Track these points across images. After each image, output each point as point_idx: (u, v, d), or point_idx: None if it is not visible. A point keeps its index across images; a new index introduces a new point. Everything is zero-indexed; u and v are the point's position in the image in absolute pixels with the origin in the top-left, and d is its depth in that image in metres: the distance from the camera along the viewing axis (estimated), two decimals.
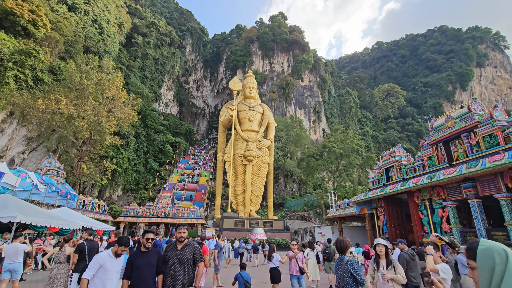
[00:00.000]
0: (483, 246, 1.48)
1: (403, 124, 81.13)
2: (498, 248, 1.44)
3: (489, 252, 1.44)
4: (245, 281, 6.07)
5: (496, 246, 1.46)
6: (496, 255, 1.40)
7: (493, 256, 1.41)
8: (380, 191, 17.15)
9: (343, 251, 3.96)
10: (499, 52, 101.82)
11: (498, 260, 1.39)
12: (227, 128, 35.22)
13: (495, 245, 1.47)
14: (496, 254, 1.41)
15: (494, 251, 1.43)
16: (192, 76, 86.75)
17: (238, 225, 28.44)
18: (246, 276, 6.16)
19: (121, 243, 4.01)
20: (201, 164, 56.76)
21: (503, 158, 10.31)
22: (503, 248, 1.43)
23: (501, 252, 1.41)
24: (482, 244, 1.50)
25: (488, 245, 1.47)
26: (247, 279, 6.12)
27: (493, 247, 1.45)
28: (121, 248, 3.99)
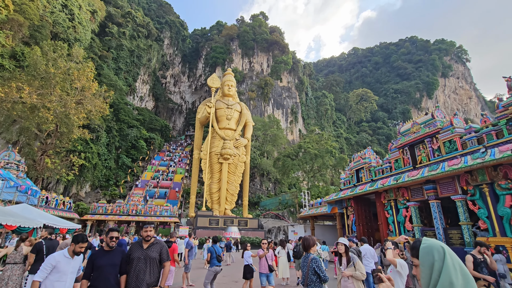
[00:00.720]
0: (424, 245, 1.57)
1: (374, 127, 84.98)
2: (437, 245, 1.53)
3: (429, 250, 1.52)
4: (218, 255, 6.93)
5: (435, 244, 1.54)
6: (435, 252, 1.49)
7: (433, 253, 1.49)
8: (350, 191, 17.88)
9: (308, 249, 4.05)
10: (461, 65, 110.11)
11: (437, 257, 1.47)
12: (204, 125, 34.78)
13: (435, 243, 1.55)
14: (435, 251, 1.49)
15: (434, 248, 1.51)
16: (169, 71, 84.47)
17: (212, 224, 28.25)
18: (218, 250, 7.08)
19: (77, 241, 3.80)
20: (176, 161, 55.53)
21: (460, 163, 11.20)
22: (441, 246, 1.53)
23: (439, 250, 1.50)
24: (424, 243, 1.58)
25: (428, 244, 1.56)
26: (219, 253, 7.06)
27: (433, 245, 1.54)
28: (79, 245, 3.78)
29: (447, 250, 1.50)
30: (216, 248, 7.14)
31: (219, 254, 7.08)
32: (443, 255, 1.47)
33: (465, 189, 11.67)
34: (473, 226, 11.40)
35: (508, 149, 9.66)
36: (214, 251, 7.00)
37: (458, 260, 1.50)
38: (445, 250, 1.49)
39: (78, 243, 3.81)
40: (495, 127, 11.00)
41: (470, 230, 11.36)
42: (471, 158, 10.90)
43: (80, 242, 3.82)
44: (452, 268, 1.43)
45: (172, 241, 7.43)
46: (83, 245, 3.83)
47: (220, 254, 7.15)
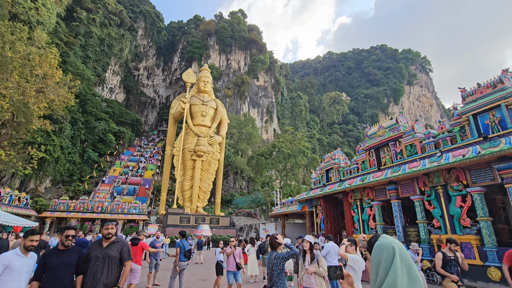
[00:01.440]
0: (378, 242, 1.55)
1: (345, 129, 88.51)
2: (389, 245, 1.49)
3: (380, 248, 1.50)
4: (185, 251, 7.02)
5: (387, 243, 1.51)
6: (385, 252, 1.47)
7: (382, 252, 1.48)
8: (320, 191, 18.54)
9: (274, 247, 4.11)
10: (425, 74, 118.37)
11: (385, 257, 1.45)
12: (178, 121, 33.98)
13: (387, 243, 1.51)
14: (385, 251, 1.47)
15: (384, 248, 1.49)
16: (143, 63, 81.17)
17: (183, 222, 27.76)
18: (186, 245, 7.16)
19: (27, 234, 3.54)
20: (147, 157, 53.64)
21: (419, 165, 12.11)
22: (393, 246, 1.48)
23: (389, 250, 1.46)
24: (379, 240, 1.56)
25: (381, 242, 1.54)
26: (187, 248, 7.15)
27: (385, 244, 1.51)
28: (28, 239, 3.51)
29: (399, 251, 1.46)
30: (185, 243, 7.12)
31: (187, 250, 7.09)
32: (392, 256, 1.43)
33: (422, 190, 12.64)
34: (428, 224, 12.39)
35: (460, 154, 10.61)
36: (182, 246, 6.98)
37: (408, 262, 1.45)
38: (395, 251, 1.45)
39: (27, 237, 3.52)
40: (450, 133, 12.02)
41: (426, 228, 12.34)
42: (428, 161, 11.83)
43: (30, 235, 3.52)
44: (399, 270, 1.39)
45: (140, 239, 7.25)
46: (33, 238, 3.53)
47: (188, 249, 7.14)
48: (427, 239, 12.08)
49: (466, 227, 10.82)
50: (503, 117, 10.23)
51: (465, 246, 10.63)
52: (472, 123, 11.09)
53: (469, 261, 10.41)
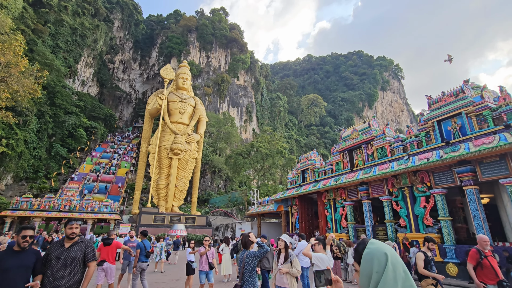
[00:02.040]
0: (367, 250, 1.35)
1: (322, 131, 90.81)
2: (380, 253, 1.29)
3: (370, 257, 1.30)
4: (147, 251, 7.01)
5: (378, 251, 1.30)
6: (375, 261, 1.27)
7: (372, 262, 1.28)
8: (296, 191, 18.94)
9: (247, 246, 4.17)
10: (397, 81, 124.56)
11: (376, 268, 1.26)
12: (154, 117, 33.04)
13: (378, 250, 1.31)
14: (375, 260, 1.27)
15: (375, 257, 1.29)
16: (118, 56, 77.94)
17: (157, 221, 27.07)
18: (148, 245, 7.13)
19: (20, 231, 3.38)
20: (121, 154, 51.64)
21: (388, 168, 12.77)
22: (385, 253, 1.28)
23: (380, 258, 1.27)
24: (368, 247, 1.36)
25: (371, 249, 1.33)
26: (148, 248, 7.11)
27: (375, 252, 1.31)
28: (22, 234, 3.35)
29: (391, 259, 1.26)
30: (146, 243, 7.12)
31: (148, 250, 7.08)
32: (384, 266, 1.24)
33: (391, 191, 13.34)
34: (395, 224, 13.11)
35: (425, 158, 11.34)
36: (143, 247, 6.98)
37: (402, 271, 1.25)
38: (388, 259, 1.25)
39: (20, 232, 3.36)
40: (417, 138, 12.80)
41: (393, 227, 13.04)
42: (397, 164, 12.51)
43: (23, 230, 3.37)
44: (392, 282, 1.20)
45: (113, 238, 7.09)
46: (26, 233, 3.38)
47: (149, 250, 7.14)
48: (394, 237, 12.78)
49: (429, 226, 11.58)
50: (463, 124, 11.07)
51: None
52: (436, 129, 11.89)
53: None
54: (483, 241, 4.95)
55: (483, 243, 4.93)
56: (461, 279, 10.00)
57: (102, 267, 6.55)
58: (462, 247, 10.38)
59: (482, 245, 4.92)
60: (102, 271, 6.54)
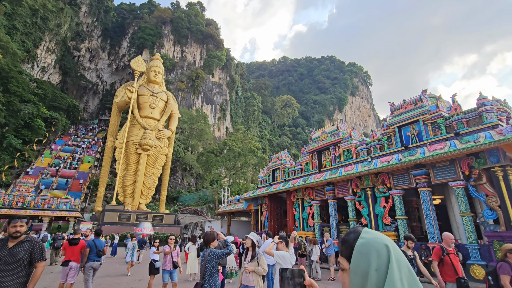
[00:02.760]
0: (362, 240, 0.98)
1: (294, 132, 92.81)
2: (379, 245, 0.94)
3: (367, 250, 0.94)
4: (98, 250, 6.65)
5: (376, 242, 0.95)
6: (373, 255, 0.92)
7: (370, 256, 0.92)
8: (266, 190, 19.21)
9: (208, 244, 4.17)
10: (366, 87, 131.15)
11: (375, 264, 0.90)
12: (123, 111, 31.56)
13: (377, 240, 0.96)
14: (374, 254, 0.92)
15: (373, 249, 0.93)
16: (85, 43, 73.12)
17: (122, 219, 25.95)
18: (100, 244, 6.79)
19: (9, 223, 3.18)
20: (84, 148, 48.60)
21: (353, 169, 13.45)
22: (386, 244, 0.94)
23: (381, 253, 0.92)
24: (363, 237, 0.99)
25: (367, 239, 0.97)
26: (100, 247, 6.75)
27: (373, 243, 0.95)
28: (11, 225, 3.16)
29: (394, 253, 0.92)
30: (98, 242, 6.83)
31: (100, 249, 6.77)
32: (387, 262, 0.90)
33: (355, 191, 14.07)
34: (357, 222, 13.85)
35: (386, 161, 12.11)
36: (94, 245, 6.74)
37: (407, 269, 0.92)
38: (390, 253, 0.91)
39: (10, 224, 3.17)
40: (380, 142, 13.62)
41: (355, 226, 13.77)
42: (361, 165, 13.22)
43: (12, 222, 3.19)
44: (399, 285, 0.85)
45: (79, 238, 6.81)
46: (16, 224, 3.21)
47: (101, 249, 6.82)
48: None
49: (387, 224, 12.40)
50: (420, 130, 11.99)
51: None
52: (397, 134, 12.75)
53: None
54: (449, 239, 4.92)
55: (449, 241, 4.91)
56: None
57: (67, 267, 6.40)
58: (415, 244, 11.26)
59: (448, 242, 4.91)
60: (66, 271, 6.40)
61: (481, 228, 9.89)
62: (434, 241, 10.49)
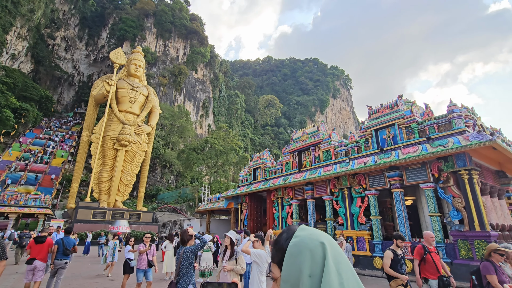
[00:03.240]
0: (295, 240, 0.80)
1: (276, 132, 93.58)
2: (313, 243, 0.75)
3: (298, 251, 0.76)
4: (65, 248, 6.42)
5: (310, 240, 0.77)
6: (306, 256, 0.73)
7: (301, 258, 0.74)
8: (246, 188, 19.26)
9: (184, 242, 4.15)
10: (346, 90, 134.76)
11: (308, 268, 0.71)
12: (100, 104, 30.34)
13: (311, 238, 0.78)
14: (306, 254, 0.74)
15: (305, 248, 0.75)
16: (61, 32, 69.45)
17: (97, 217, 25.00)
18: (68, 242, 6.55)
19: None
20: (57, 142, 46.25)
21: (331, 169, 13.79)
22: (322, 242, 0.75)
23: (315, 251, 0.73)
24: (297, 235, 0.81)
25: (301, 238, 0.79)
26: (68, 246, 6.50)
27: (307, 240, 0.77)
28: None
29: (332, 252, 0.74)
30: (67, 240, 6.61)
31: (68, 248, 6.54)
32: (321, 264, 0.71)
33: (333, 191, 14.44)
34: (334, 221, 14.24)
35: (363, 162, 12.53)
36: (61, 243, 6.52)
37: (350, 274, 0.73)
38: (326, 253, 0.73)
39: None
40: (357, 143, 14.06)
41: (332, 225, 14.15)
42: (339, 166, 13.59)
43: None
44: None
45: (46, 236, 6.52)
46: None
47: (70, 247, 6.59)
48: (332, 234, 13.87)
49: (362, 224, 12.84)
50: (395, 134, 12.52)
51: (360, 240, 12.62)
52: (374, 137, 13.23)
53: (361, 252, 12.42)
54: (430, 237, 4.95)
55: (430, 239, 4.95)
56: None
57: (32, 266, 6.14)
58: (387, 242, 11.76)
59: (429, 241, 4.94)
60: (31, 270, 6.14)
61: (447, 228, 10.49)
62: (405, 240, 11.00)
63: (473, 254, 9.23)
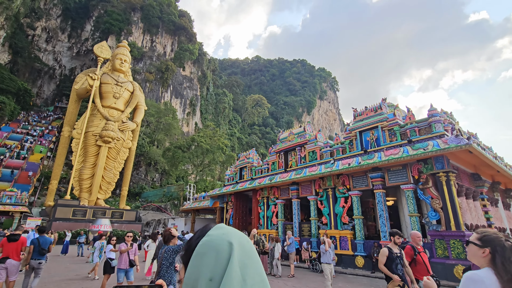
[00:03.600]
0: (205, 238, 0.71)
1: (264, 132, 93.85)
2: (222, 242, 0.67)
3: (203, 252, 0.67)
4: (41, 248, 6.25)
5: (221, 238, 0.68)
6: (209, 257, 0.65)
7: (204, 260, 0.65)
8: (232, 187, 19.23)
9: (167, 241, 4.11)
10: (333, 92, 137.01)
11: (209, 271, 0.62)
12: (82, 99, 29.36)
13: (222, 236, 0.69)
14: (211, 255, 0.65)
15: (211, 249, 0.66)
16: (41, 22, 66.60)
17: (77, 215, 24.21)
18: (44, 242, 6.38)
19: None
20: (36, 136, 44.40)
21: (316, 170, 14.00)
22: (230, 242, 0.66)
23: (221, 252, 0.65)
24: (209, 234, 0.73)
25: (211, 237, 0.70)
26: (44, 245, 6.34)
27: (216, 239, 0.68)
28: None
29: (240, 254, 0.65)
30: (42, 240, 6.42)
31: (44, 248, 6.37)
32: (224, 266, 0.62)
33: (317, 191, 14.66)
34: (318, 221, 14.47)
35: (347, 163, 12.79)
36: (37, 243, 6.36)
37: (259, 279, 0.64)
38: (232, 254, 0.64)
39: None
40: (342, 145, 14.34)
41: (316, 224, 14.37)
42: (324, 167, 13.81)
43: None
44: None
45: (19, 234, 6.27)
46: None
47: (46, 247, 6.41)
48: (316, 233, 14.10)
49: (345, 223, 13.12)
50: (379, 136, 12.86)
51: (343, 239, 12.89)
52: (358, 138, 13.54)
53: (344, 251, 12.69)
54: (416, 237, 4.88)
55: (417, 239, 4.88)
56: (366, 269, 11.65)
57: (4, 265, 5.93)
58: (369, 242, 12.08)
59: (416, 241, 4.88)
60: (3, 269, 5.92)
61: (426, 228, 10.90)
62: (386, 239, 11.34)
63: (449, 253, 9.63)
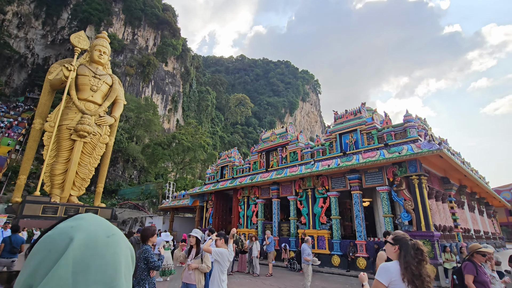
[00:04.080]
0: (49, 233, 0.59)
1: (246, 131, 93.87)
2: (63, 236, 0.56)
3: (35, 250, 0.56)
4: (13, 247, 6.09)
5: (65, 232, 0.56)
6: (37, 258, 0.54)
7: (31, 262, 0.54)
8: (213, 186, 19.10)
9: (146, 239, 4.06)
10: (315, 95, 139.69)
11: (27, 279, 0.51)
12: (56, 90, 27.87)
13: (65, 231, 0.57)
14: (40, 255, 0.54)
15: (46, 247, 0.55)
16: (12, 6, 62.50)
17: (47, 212, 22.96)
18: (16, 241, 6.20)
19: None
20: (3, 128, 41.67)
21: (297, 170, 14.23)
22: (72, 237, 0.55)
23: (53, 251, 0.53)
24: (57, 227, 0.60)
25: (55, 231, 0.58)
26: (16, 244, 6.17)
27: (59, 233, 0.57)
28: None
29: (83, 249, 0.54)
30: (14, 238, 6.25)
31: (15, 246, 6.21)
32: (51, 267, 0.50)
33: (297, 191, 14.90)
34: (297, 221, 14.71)
35: (327, 164, 13.10)
36: (9, 241, 6.19)
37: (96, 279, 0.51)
38: (68, 254, 0.52)
39: None
40: (323, 146, 14.67)
41: (295, 224, 14.60)
42: (304, 167, 14.06)
43: None
44: None
45: None
46: None
47: (17, 246, 6.25)
48: (295, 233, 14.33)
49: (323, 223, 13.44)
50: (357, 139, 13.29)
51: (320, 239, 13.19)
52: (338, 141, 13.91)
53: (321, 251, 12.99)
54: None
55: None
56: (342, 268, 12.00)
57: None
58: (345, 241, 12.46)
59: None
60: None
61: (398, 228, 11.40)
62: (361, 239, 11.74)
63: None
